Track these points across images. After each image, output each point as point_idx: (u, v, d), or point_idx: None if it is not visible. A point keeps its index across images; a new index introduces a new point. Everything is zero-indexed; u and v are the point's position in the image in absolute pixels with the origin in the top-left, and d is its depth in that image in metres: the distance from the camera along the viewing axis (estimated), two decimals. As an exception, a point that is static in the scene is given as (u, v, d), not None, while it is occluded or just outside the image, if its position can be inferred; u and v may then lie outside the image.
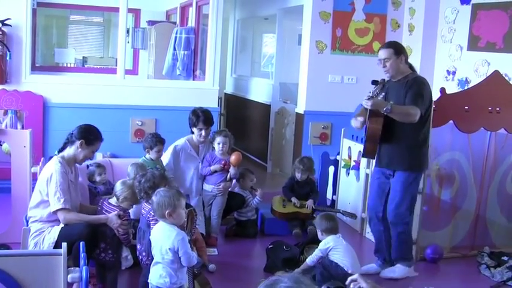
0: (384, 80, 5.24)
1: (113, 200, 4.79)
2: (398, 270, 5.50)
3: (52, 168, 4.74)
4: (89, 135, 4.94)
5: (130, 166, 5.60)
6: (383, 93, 5.15)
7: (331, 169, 7.32)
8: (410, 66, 5.38)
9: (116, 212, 4.67)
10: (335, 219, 5.33)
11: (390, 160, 5.36)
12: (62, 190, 4.66)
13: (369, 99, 5.03)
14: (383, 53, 5.25)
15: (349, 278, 3.31)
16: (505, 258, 5.83)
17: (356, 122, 5.40)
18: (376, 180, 5.57)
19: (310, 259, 5.14)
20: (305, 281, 2.20)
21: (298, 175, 6.63)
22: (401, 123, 5.11)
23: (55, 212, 4.67)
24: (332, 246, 5.06)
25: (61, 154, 4.90)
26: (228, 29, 11.33)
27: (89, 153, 4.97)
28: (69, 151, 4.90)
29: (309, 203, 6.52)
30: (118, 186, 4.82)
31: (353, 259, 5.07)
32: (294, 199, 6.52)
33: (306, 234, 6.28)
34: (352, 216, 6.65)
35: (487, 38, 7.48)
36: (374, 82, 5.23)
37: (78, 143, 4.86)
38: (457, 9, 7.93)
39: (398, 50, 5.24)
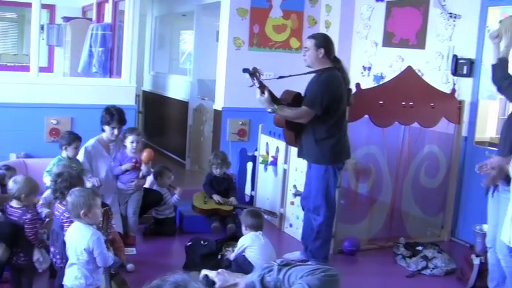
0: (254, 68, 5.26)
1: (15, 203, 4.58)
2: None
3: None
4: None
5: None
6: (259, 80, 5.21)
7: (249, 165, 7.34)
8: (337, 62, 5.44)
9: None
10: (261, 216, 5.37)
11: (304, 152, 5.50)
12: None
13: (251, 86, 5.21)
14: (307, 42, 5.42)
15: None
16: (420, 248, 5.97)
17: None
18: (307, 171, 5.68)
19: (232, 255, 5.18)
20: (193, 279, 2.21)
21: (216, 171, 6.61)
22: None
23: None
24: (248, 245, 5.08)
25: None
26: (146, 25, 11.22)
27: None
28: None
29: (232, 199, 6.52)
30: (12, 186, 4.59)
31: (270, 258, 5.10)
32: (215, 196, 6.50)
33: (225, 230, 6.26)
34: (272, 214, 6.68)
35: (400, 35, 7.64)
36: (245, 70, 5.26)
37: None
38: (372, 6, 8.07)
39: (319, 42, 5.33)
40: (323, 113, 5.20)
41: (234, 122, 8.31)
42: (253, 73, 5.23)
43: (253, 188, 7.32)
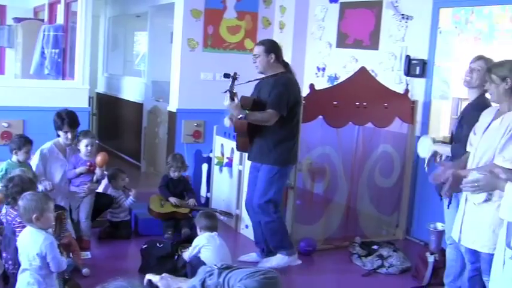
0: (235, 73, 5.29)
1: None
2: (275, 259, 5.56)
3: None
4: None
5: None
6: (233, 86, 5.24)
7: (205, 167, 7.31)
8: (286, 66, 5.48)
9: None
10: (215, 217, 5.37)
11: (258, 154, 5.49)
12: None
13: (225, 92, 5.17)
14: (255, 49, 5.45)
15: None
16: (375, 247, 6.02)
17: (227, 120, 5.49)
18: (251, 174, 5.70)
19: (187, 255, 5.15)
20: (132, 285, 2.22)
21: (174, 174, 6.56)
22: None
23: None
24: (203, 245, 5.07)
25: None
26: (99, 26, 11.09)
27: None
28: None
29: (191, 201, 6.47)
30: None
31: (224, 259, 5.10)
32: (172, 198, 6.44)
33: (180, 235, 6.20)
34: (228, 215, 6.67)
35: (354, 36, 7.69)
36: (226, 75, 5.31)
37: None
38: (326, 8, 8.10)
39: (268, 48, 5.38)
40: (285, 116, 5.26)
41: (189, 124, 8.26)
42: (235, 78, 5.27)
43: (208, 189, 7.30)
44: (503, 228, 3.56)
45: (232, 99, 5.16)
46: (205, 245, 5.06)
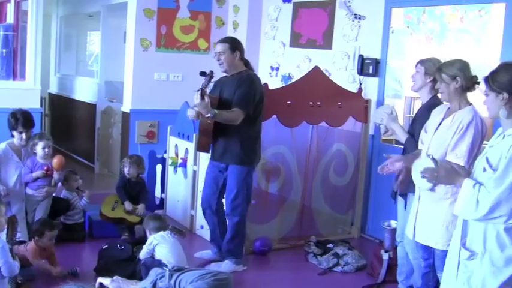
0: (212, 71, 5.28)
1: None
2: (224, 266, 5.53)
3: None
4: None
5: None
6: (211, 84, 5.23)
7: (159, 167, 7.27)
8: (247, 64, 5.47)
9: None
10: (162, 218, 5.45)
11: (224, 154, 5.43)
12: None
13: (198, 90, 5.07)
14: (219, 47, 5.38)
15: None
16: (331, 245, 6.05)
17: (192, 112, 5.39)
18: (210, 173, 5.64)
19: (141, 255, 5.15)
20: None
21: (129, 173, 6.48)
22: None
23: None
24: (157, 243, 5.09)
25: None
26: (51, 26, 10.94)
27: None
28: None
29: (141, 208, 6.35)
30: None
31: (179, 255, 5.12)
32: (127, 204, 6.32)
33: (135, 237, 6.15)
34: (181, 233, 6.38)
35: (307, 35, 7.73)
36: (202, 73, 5.28)
37: None
38: (280, 7, 8.12)
39: (233, 46, 5.37)
40: (250, 114, 5.25)
41: (143, 124, 8.19)
42: (211, 76, 5.23)
43: (163, 190, 7.26)
44: (458, 228, 3.57)
45: (202, 97, 5.06)
46: (160, 243, 5.06)
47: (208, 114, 5.07)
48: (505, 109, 3.32)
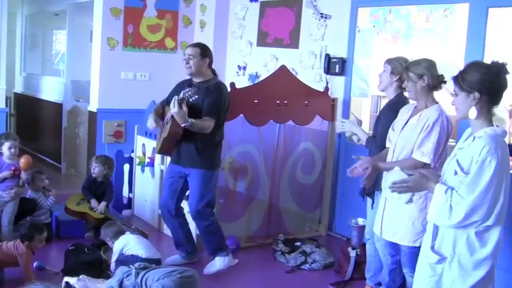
0: (191, 89, 5.22)
1: None
2: (218, 262, 5.51)
3: None
4: None
5: None
6: (195, 96, 5.15)
7: (126, 167, 7.24)
8: (213, 72, 5.45)
9: None
10: (115, 223, 5.50)
11: (188, 159, 5.36)
12: None
13: (178, 99, 4.99)
14: (190, 50, 5.33)
15: None
16: (298, 243, 6.07)
17: (151, 124, 5.38)
18: (169, 178, 5.58)
19: (112, 265, 5.17)
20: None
21: (94, 172, 6.45)
22: None
23: None
24: (123, 245, 5.14)
25: None
26: (16, 24, 10.83)
27: None
28: None
29: (101, 205, 6.30)
30: None
31: (146, 245, 5.22)
32: (93, 201, 6.32)
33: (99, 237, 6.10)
34: (143, 234, 6.12)
35: (274, 34, 7.74)
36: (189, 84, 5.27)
37: None
38: (247, 7, 8.13)
39: (204, 52, 5.33)
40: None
41: (110, 124, 8.14)
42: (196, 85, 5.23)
43: (131, 190, 7.23)
44: (428, 232, 3.58)
45: (180, 106, 4.99)
46: (125, 245, 5.11)
47: (184, 124, 5.03)
48: (476, 109, 3.32)
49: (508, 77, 3.37)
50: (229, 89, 5.75)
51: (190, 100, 5.10)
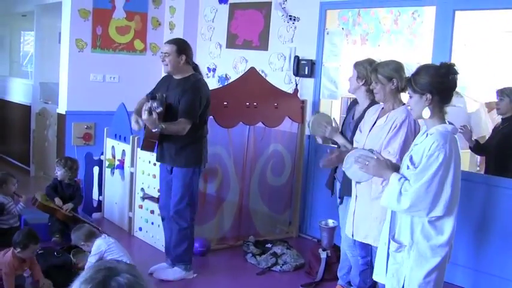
0: (163, 95, 5.17)
1: None
2: (174, 272, 5.44)
3: None
4: None
5: None
6: (160, 108, 5.06)
7: (96, 169, 7.19)
8: (195, 68, 5.39)
9: None
10: (84, 225, 5.44)
11: (169, 157, 5.32)
12: None
13: (147, 111, 4.94)
14: (166, 47, 5.26)
15: None
16: (269, 245, 6.09)
17: (134, 126, 5.31)
18: (164, 179, 5.52)
19: (88, 266, 5.04)
20: None
21: (57, 175, 6.40)
22: None
23: None
24: (105, 249, 5.05)
25: None
26: (-18, 26, 10.74)
27: None
28: None
29: (67, 205, 6.26)
30: None
31: (125, 252, 5.16)
32: (57, 200, 6.27)
33: (68, 239, 6.05)
34: (97, 229, 5.96)
35: (244, 36, 7.76)
36: (153, 97, 5.17)
37: None
38: (216, 9, 8.13)
39: (181, 49, 5.24)
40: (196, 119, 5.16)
41: (79, 126, 8.08)
42: (162, 101, 5.13)
43: (100, 192, 7.19)
44: (387, 222, 3.71)
45: (150, 113, 4.95)
46: (108, 250, 5.06)
47: (155, 129, 5.01)
48: (429, 109, 3.50)
49: (456, 77, 3.54)
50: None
51: (157, 111, 4.99)
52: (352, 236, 4.61)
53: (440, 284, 3.60)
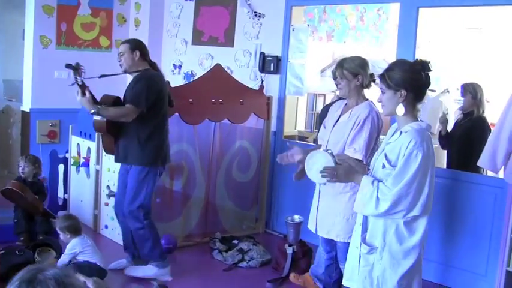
0: (78, 63, 5.05)
1: None
2: (147, 269, 5.36)
3: None
4: None
5: None
6: (81, 78, 4.98)
7: (61, 167, 7.13)
8: (153, 65, 5.33)
9: None
10: (75, 217, 5.31)
11: (125, 155, 5.24)
12: None
13: (72, 84, 4.95)
14: (121, 47, 5.24)
15: None
16: (235, 241, 6.12)
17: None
18: (120, 177, 5.44)
19: (60, 263, 5.01)
20: None
21: (23, 172, 6.33)
22: None
23: None
24: (79, 251, 5.01)
25: None
26: None
27: None
28: None
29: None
30: None
31: (100, 255, 5.11)
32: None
33: (34, 237, 5.99)
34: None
35: (210, 33, 7.76)
36: (68, 66, 5.04)
37: None
38: (182, 5, 8.12)
39: (133, 46, 5.20)
40: (148, 112, 5.04)
41: (44, 124, 8.01)
42: (77, 68, 4.98)
43: (66, 190, 7.13)
44: (358, 224, 3.66)
45: (83, 93, 4.91)
46: (82, 251, 5.01)
47: (92, 110, 4.92)
48: (403, 105, 3.43)
49: (430, 74, 3.49)
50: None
51: (78, 83, 4.93)
52: (316, 231, 4.64)
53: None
